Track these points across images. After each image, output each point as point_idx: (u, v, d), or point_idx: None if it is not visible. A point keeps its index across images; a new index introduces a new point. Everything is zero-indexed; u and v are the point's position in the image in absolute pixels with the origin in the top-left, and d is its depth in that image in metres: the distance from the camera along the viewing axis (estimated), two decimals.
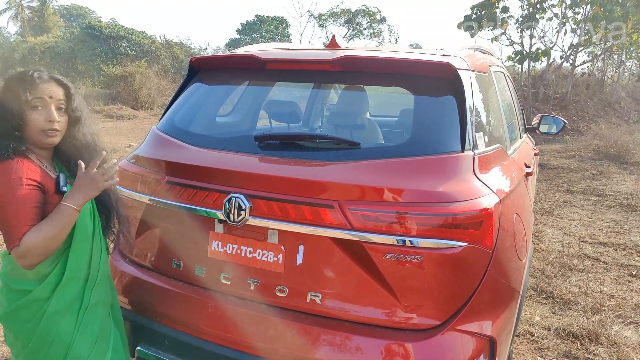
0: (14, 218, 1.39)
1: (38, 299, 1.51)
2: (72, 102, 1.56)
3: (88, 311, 1.58)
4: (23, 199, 1.41)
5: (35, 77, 1.48)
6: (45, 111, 1.48)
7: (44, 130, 1.48)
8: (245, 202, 1.60)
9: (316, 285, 1.59)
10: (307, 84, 2.85)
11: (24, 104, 1.45)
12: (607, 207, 6.03)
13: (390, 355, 1.49)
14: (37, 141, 1.50)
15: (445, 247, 1.46)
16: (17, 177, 1.41)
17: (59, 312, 1.52)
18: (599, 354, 2.70)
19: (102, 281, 1.64)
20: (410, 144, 1.75)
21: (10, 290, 1.53)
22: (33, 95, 1.46)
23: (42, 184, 1.46)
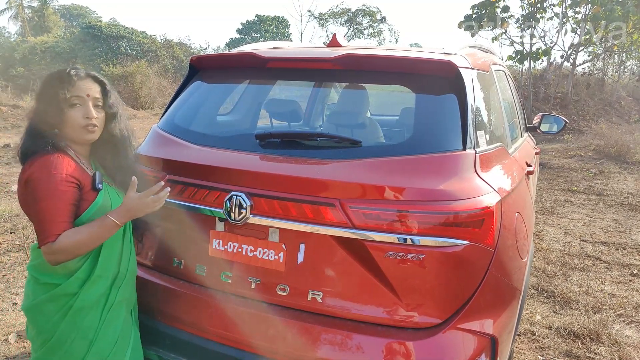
0: (51, 213, 1.41)
1: (65, 293, 1.52)
2: (108, 98, 1.58)
3: (113, 309, 1.59)
4: (61, 194, 1.42)
5: (73, 75, 1.50)
6: (84, 108, 1.50)
7: (83, 127, 1.50)
8: (246, 200, 1.60)
9: (317, 283, 1.59)
10: (308, 82, 2.84)
11: (63, 101, 1.47)
12: (608, 206, 6.03)
13: (391, 353, 1.48)
14: (76, 138, 1.52)
15: (447, 245, 1.46)
16: (57, 172, 1.42)
17: (85, 308, 1.53)
18: (600, 353, 2.70)
19: (129, 280, 1.66)
20: (412, 142, 1.75)
21: (37, 282, 1.54)
22: (71, 93, 1.48)
23: (79, 181, 1.48)
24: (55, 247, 1.40)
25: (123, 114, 1.66)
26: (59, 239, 1.40)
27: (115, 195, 1.61)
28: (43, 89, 1.51)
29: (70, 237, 1.41)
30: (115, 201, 1.59)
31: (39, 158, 1.44)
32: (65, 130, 1.50)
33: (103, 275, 1.56)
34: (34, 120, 1.52)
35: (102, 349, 1.56)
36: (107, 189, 1.58)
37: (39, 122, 1.49)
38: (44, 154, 1.44)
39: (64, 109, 1.47)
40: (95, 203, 1.53)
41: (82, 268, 1.53)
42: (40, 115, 1.49)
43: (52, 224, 1.41)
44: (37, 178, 1.42)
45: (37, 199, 1.42)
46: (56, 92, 1.47)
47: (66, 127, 1.50)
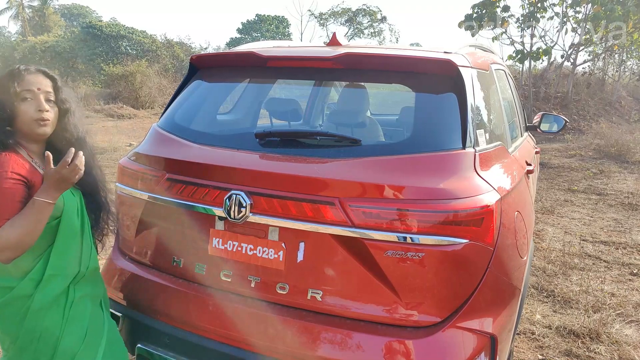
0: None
1: (21, 295, 1.50)
2: (60, 93, 1.59)
3: (75, 305, 1.58)
4: (5, 192, 1.41)
5: (22, 70, 1.52)
6: (35, 102, 1.51)
7: (35, 120, 1.50)
8: (245, 199, 1.60)
9: (317, 282, 1.59)
10: (308, 81, 2.85)
11: (14, 96, 1.48)
12: (608, 206, 6.03)
13: (391, 352, 1.49)
14: (29, 132, 1.52)
15: (447, 244, 1.46)
16: (3, 169, 1.42)
17: (42, 309, 1.52)
18: (599, 352, 2.70)
19: (90, 276, 1.65)
20: (412, 141, 1.75)
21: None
22: (21, 87, 1.49)
23: (27, 179, 1.47)
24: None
25: (77, 110, 1.66)
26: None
27: (69, 193, 1.58)
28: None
29: (6, 230, 1.38)
30: (69, 200, 1.58)
31: None
32: (17, 126, 1.50)
33: (57, 274, 1.54)
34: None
35: (70, 346, 1.55)
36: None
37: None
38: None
39: (14, 104, 1.48)
40: None
41: (34, 269, 1.52)
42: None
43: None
44: None
45: None
46: (7, 88, 1.48)
47: (18, 121, 1.50)
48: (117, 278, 1.98)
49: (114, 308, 1.93)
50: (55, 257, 1.54)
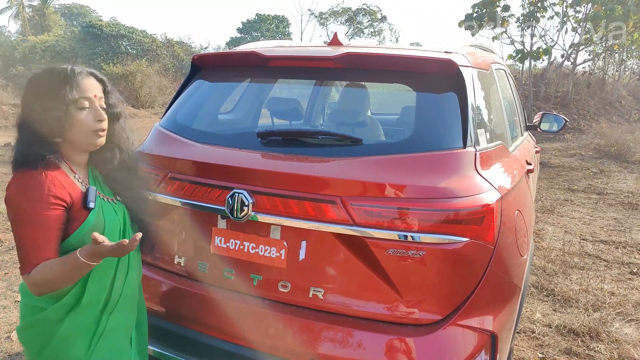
0: (30, 240, 1.25)
1: (50, 319, 1.36)
2: (109, 97, 1.43)
3: (103, 337, 1.42)
4: (43, 220, 1.25)
5: (76, 73, 1.33)
6: (93, 110, 1.34)
7: (93, 131, 1.34)
8: (248, 198, 1.61)
9: (318, 280, 1.60)
10: (309, 81, 2.85)
11: (71, 104, 1.30)
12: (608, 205, 6.04)
13: (392, 350, 1.50)
14: (84, 144, 1.36)
15: (447, 242, 1.47)
16: (39, 193, 1.26)
17: (69, 338, 1.37)
18: (599, 351, 2.71)
19: (123, 305, 1.47)
20: (412, 140, 1.76)
21: (25, 304, 1.42)
22: (80, 94, 1.31)
23: (67, 200, 1.31)
24: (31, 279, 1.25)
25: (126, 114, 1.51)
26: (34, 272, 1.24)
27: (111, 213, 1.43)
28: (40, 89, 1.32)
29: (43, 272, 1.24)
30: (111, 220, 1.41)
31: (22, 174, 1.28)
32: (70, 137, 1.33)
33: (92, 302, 1.39)
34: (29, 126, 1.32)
35: None
36: (101, 207, 1.40)
37: (36, 128, 1.30)
38: (29, 169, 1.27)
39: (71, 113, 1.30)
40: (86, 224, 1.34)
41: (70, 293, 1.36)
42: (39, 120, 1.29)
43: (30, 253, 1.25)
44: (17, 200, 1.26)
45: (16, 224, 1.27)
46: (60, 94, 1.29)
47: (73, 132, 1.32)
48: None
49: None
50: (93, 284, 1.38)
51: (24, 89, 1.34)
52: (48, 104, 1.30)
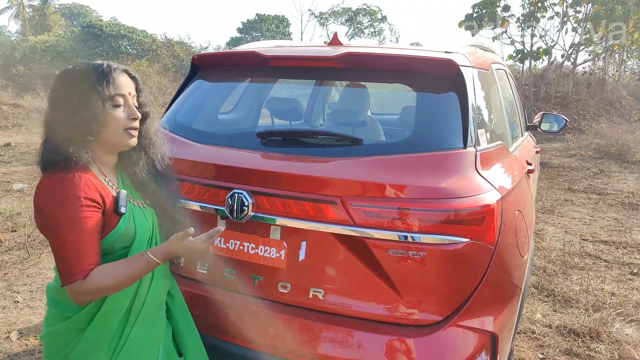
0: (74, 246, 1.19)
1: (72, 328, 1.31)
2: (141, 95, 1.38)
3: (126, 349, 1.34)
4: (83, 223, 1.20)
5: (113, 70, 1.28)
6: (127, 108, 1.30)
7: (126, 130, 1.29)
8: (248, 198, 1.60)
9: (318, 281, 1.59)
10: (309, 81, 2.85)
11: (106, 101, 1.25)
12: (608, 205, 6.03)
13: (392, 350, 1.49)
14: (116, 144, 1.31)
15: (447, 243, 1.47)
16: (75, 195, 1.19)
17: (92, 348, 1.31)
18: (600, 352, 2.70)
19: (148, 316, 1.39)
20: (413, 140, 1.75)
21: (52, 313, 1.37)
22: (116, 91, 1.26)
23: (100, 203, 1.26)
24: (86, 286, 1.19)
25: (154, 114, 1.45)
26: (91, 279, 1.19)
27: (141, 218, 1.37)
28: (75, 85, 1.25)
29: (106, 276, 1.20)
30: (141, 225, 1.36)
31: (53, 177, 1.22)
32: (103, 135, 1.27)
33: (114, 310, 1.32)
34: (58, 125, 1.25)
35: None
36: (132, 212, 1.34)
37: (68, 126, 1.23)
38: (60, 170, 1.21)
39: (107, 110, 1.25)
40: (117, 229, 1.29)
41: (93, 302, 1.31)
42: (72, 117, 1.23)
43: (77, 259, 1.19)
44: (52, 202, 1.19)
45: (55, 228, 1.19)
46: (96, 90, 1.23)
47: (106, 130, 1.27)
48: None
49: None
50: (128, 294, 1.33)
51: (55, 84, 1.27)
52: (83, 100, 1.23)
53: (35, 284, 3.39)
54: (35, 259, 3.79)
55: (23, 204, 5.17)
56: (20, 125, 11.80)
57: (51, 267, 3.66)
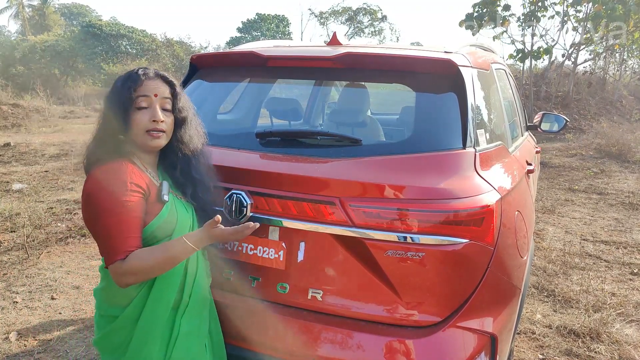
0: (117, 227, 1.26)
1: (123, 326, 1.38)
2: (178, 101, 1.43)
3: (179, 342, 1.41)
4: (127, 205, 1.27)
5: (141, 74, 1.36)
6: (150, 110, 1.36)
7: (147, 131, 1.35)
8: (246, 199, 1.60)
9: (317, 282, 1.59)
10: (308, 81, 2.84)
11: (128, 102, 1.33)
12: (609, 205, 6.02)
13: (391, 351, 1.48)
14: (141, 144, 1.37)
15: (447, 243, 1.46)
16: (121, 180, 1.28)
17: (145, 343, 1.37)
18: (600, 352, 2.70)
19: (195, 308, 1.47)
20: (412, 140, 1.75)
21: (100, 315, 1.43)
22: (138, 93, 1.34)
23: (144, 190, 1.34)
24: (125, 266, 1.25)
25: (194, 120, 1.51)
26: (130, 259, 1.26)
27: (183, 209, 1.45)
28: (112, 91, 1.37)
29: (143, 258, 1.27)
30: (182, 216, 1.44)
31: (99, 167, 1.30)
32: (131, 136, 1.35)
33: (162, 300, 1.39)
34: (100, 125, 1.37)
35: None
36: (173, 202, 1.42)
37: (104, 127, 1.36)
38: (106, 161, 1.30)
39: (129, 111, 1.33)
40: (160, 216, 1.36)
41: (140, 294, 1.38)
42: (106, 119, 1.35)
43: (119, 240, 1.26)
44: (99, 189, 1.27)
45: (100, 213, 1.27)
46: (122, 93, 1.33)
47: (131, 131, 1.34)
48: None
49: None
50: (161, 282, 1.39)
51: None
52: (114, 102, 1.34)
53: (34, 284, 3.39)
54: (34, 260, 3.79)
55: (22, 204, 5.17)
56: (19, 125, 11.80)
57: (51, 268, 3.66)
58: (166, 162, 1.48)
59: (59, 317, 2.95)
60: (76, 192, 5.75)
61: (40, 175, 6.70)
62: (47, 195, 5.67)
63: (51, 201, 5.37)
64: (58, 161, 7.74)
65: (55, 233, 4.36)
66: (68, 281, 3.45)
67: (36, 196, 5.59)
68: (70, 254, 3.95)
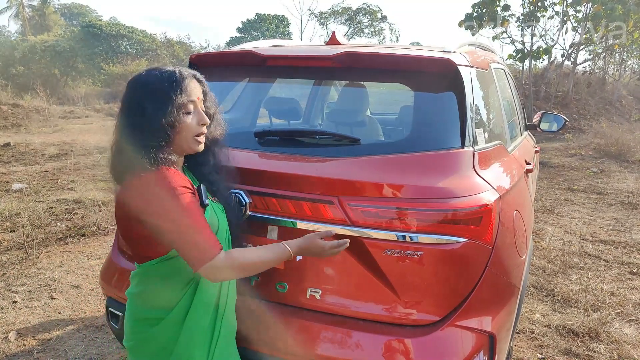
0: (201, 224, 1.23)
1: (168, 328, 1.34)
2: (209, 98, 1.40)
3: (219, 343, 1.41)
4: (195, 206, 1.24)
5: (184, 76, 1.30)
6: (197, 114, 1.32)
7: (195, 136, 1.32)
8: (245, 198, 1.60)
9: (316, 281, 1.59)
10: (307, 80, 2.84)
11: (179, 108, 1.27)
12: (608, 205, 6.03)
13: (390, 350, 1.49)
14: (187, 148, 1.33)
15: (445, 242, 1.46)
16: (179, 184, 1.23)
17: (190, 346, 1.35)
18: (599, 351, 2.70)
19: (229, 310, 1.48)
20: (411, 140, 1.75)
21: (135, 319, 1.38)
22: (188, 97, 1.29)
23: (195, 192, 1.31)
24: (228, 261, 1.23)
25: (218, 113, 1.47)
26: (232, 253, 1.26)
27: (220, 212, 1.43)
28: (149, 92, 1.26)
29: (249, 253, 1.29)
30: (222, 219, 1.42)
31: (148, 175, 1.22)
32: (175, 141, 1.29)
33: (204, 301, 1.37)
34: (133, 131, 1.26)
35: None
36: (211, 205, 1.39)
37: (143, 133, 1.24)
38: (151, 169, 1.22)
39: (180, 117, 1.27)
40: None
41: (185, 295, 1.35)
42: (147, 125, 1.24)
43: (209, 236, 1.24)
44: (165, 196, 1.21)
45: (178, 218, 1.21)
46: (170, 98, 1.25)
47: (179, 137, 1.29)
48: (117, 277, 1.98)
49: (115, 307, 1.93)
50: (204, 283, 1.37)
51: (129, 91, 1.30)
52: (159, 108, 1.25)
53: (34, 284, 3.39)
54: (33, 259, 3.79)
55: (22, 204, 5.17)
56: (19, 125, 11.80)
57: (50, 268, 3.66)
58: (194, 162, 1.43)
59: (59, 317, 2.96)
60: (76, 192, 5.75)
61: (40, 175, 6.70)
62: (47, 195, 5.67)
63: (51, 201, 5.38)
64: (58, 161, 7.74)
65: (54, 233, 4.36)
66: (67, 281, 3.45)
67: (36, 196, 5.59)
68: (69, 254, 3.96)
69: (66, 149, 8.75)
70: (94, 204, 5.24)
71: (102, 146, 8.98)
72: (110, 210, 4.98)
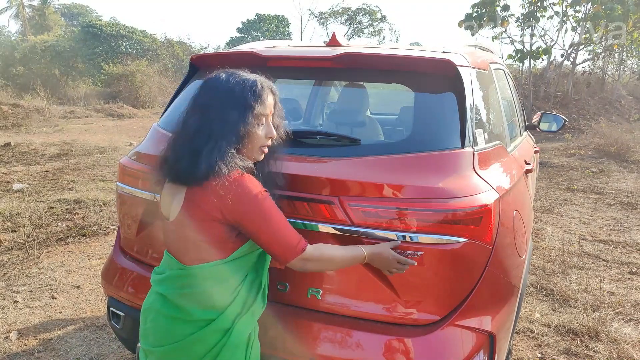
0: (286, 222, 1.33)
1: (218, 328, 1.33)
2: (277, 110, 1.43)
3: (254, 345, 1.44)
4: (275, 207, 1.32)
5: (266, 88, 1.34)
6: (267, 126, 1.36)
7: (260, 147, 1.37)
8: None
9: (316, 281, 1.60)
10: (308, 81, 2.85)
11: (255, 118, 1.31)
12: (608, 205, 6.04)
13: (390, 350, 1.49)
14: (249, 157, 1.36)
15: (445, 242, 1.47)
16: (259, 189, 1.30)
17: (237, 346, 1.36)
18: (598, 351, 2.71)
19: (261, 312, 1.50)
20: (411, 140, 1.76)
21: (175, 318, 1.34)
22: (263, 110, 1.32)
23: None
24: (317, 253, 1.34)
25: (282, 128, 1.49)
26: (319, 247, 1.36)
27: None
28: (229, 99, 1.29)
29: (332, 249, 1.39)
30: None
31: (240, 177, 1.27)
32: (244, 150, 1.33)
33: (252, 306, 1.40)
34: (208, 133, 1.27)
35: None
36: None
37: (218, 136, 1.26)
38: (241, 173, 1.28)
39: (254, 126, 1.31)
40: None
41: (236, 299, 1.35)
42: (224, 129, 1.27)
43: (295, 232, 1.33)
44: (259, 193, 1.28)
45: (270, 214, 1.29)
46: (251, 107, 1.29)
47: (248, 146, 1.33)
48: (119, 277, 1.99)
49: (116, 307, 1.94)
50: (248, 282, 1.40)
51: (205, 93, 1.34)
52: (239, 115, 1.29)
53: (35, 284, 3.40)
54: (34, 259, 3.80)
55: (23, 204, 5.18)
56: (20, 125, 11.81)
57: (51, 268, 3.67)
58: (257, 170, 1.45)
59: (60, 317, 2.96)
60: (76, 192, 5.76)
61: (41, 175, 6.71)
62: (48, 195, 5.68)
63: (51, 201, 5.38)
64: (58, 161, 7.74)
65: (55, 233, 4.37)
66: (68, 280, 3.46)
67: (36, 196, 5.60)
68: (70, 254, 3.96)
69: (67, 149, 8.75)
70: (94, 203, 5.25)
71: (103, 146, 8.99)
72: (110, 210, 4.98)
